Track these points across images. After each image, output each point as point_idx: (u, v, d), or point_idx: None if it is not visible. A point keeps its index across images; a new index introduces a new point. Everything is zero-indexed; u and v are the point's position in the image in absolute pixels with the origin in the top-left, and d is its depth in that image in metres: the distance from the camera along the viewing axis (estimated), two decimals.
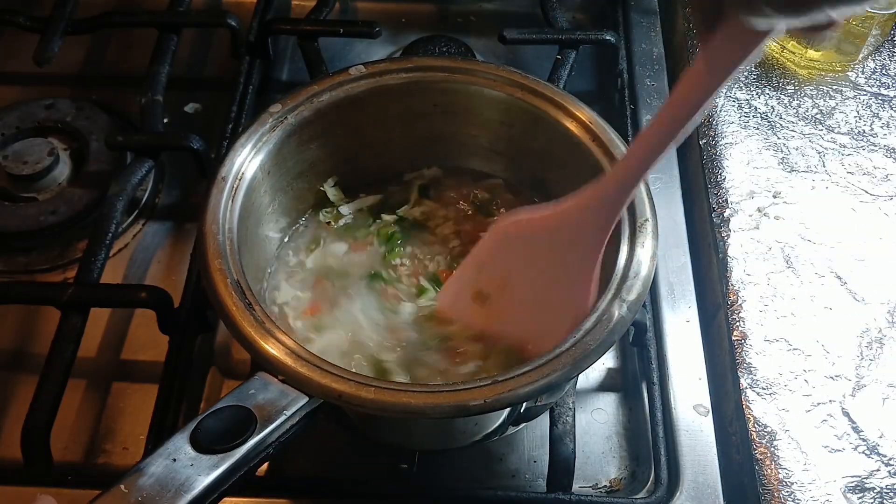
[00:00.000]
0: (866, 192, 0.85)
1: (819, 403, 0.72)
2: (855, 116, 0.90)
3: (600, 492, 0.74)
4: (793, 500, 0.68)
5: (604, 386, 0.81)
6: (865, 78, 0.94)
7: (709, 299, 0.82)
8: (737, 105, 0.91)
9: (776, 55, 0.96)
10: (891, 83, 0.93)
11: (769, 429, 0.71)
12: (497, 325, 0.71)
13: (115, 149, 0.90)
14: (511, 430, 0.72)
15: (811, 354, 0.75)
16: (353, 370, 0.62)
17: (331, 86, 0.76)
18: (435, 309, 0.73)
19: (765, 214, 0.83)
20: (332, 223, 0.80)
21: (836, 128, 0.90)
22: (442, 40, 1.00)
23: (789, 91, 0.93)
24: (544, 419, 0.72)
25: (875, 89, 0.93)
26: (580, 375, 0.65)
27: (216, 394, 0.79)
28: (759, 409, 0.72)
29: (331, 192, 0.80)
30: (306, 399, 0.59)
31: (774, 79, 0.94)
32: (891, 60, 0.95)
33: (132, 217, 0.90)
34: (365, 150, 0.81)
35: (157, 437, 0.72)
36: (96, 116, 0.95)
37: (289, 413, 0.58)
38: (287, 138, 0.74)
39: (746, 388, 0.73)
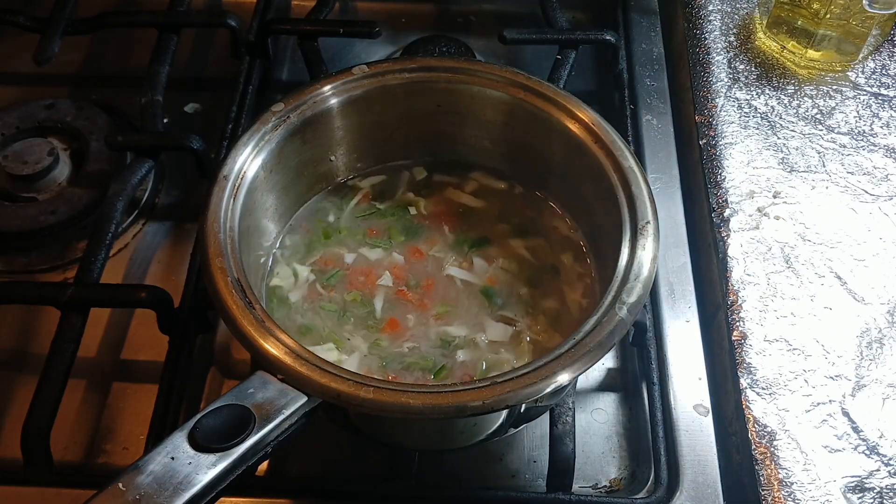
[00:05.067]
0: (866, 192, 0.85)
1: (819, 403, 0.72)
2: (855, 116, 0.90)
3: (600, 492, 0.74)
4: (793, 500, 0.68)
5: (604, 386, 0.81)
6: (865, 78, 0.94)
7: (709, 299, 0.82)
8: (737, 105, 0.91)
9: (776, 55, 0.96)
10: (891, 83, 0.93)
11: (769, 429, 0.71)
12: None
13: (115, 149, 0.90)
14: (511, 431, 0.72)
15: (811, 354, 0.75)
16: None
17: (334, 85, 0.76)
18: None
19: (765, 214, 0.83)
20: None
21: (836, 128, 0.90)
22: (442, 40, 1.00)
23: (789, 91, 0.93)
24: (544, 419, 0.72)
25: (875, 89, 0.93)
26: (580, 376, 0.65)
27: (216, 394, 0.79)
28: (759, 409, 0.72)
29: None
30: (305, 398, 0.59)
31: (774, 79, 0.94)
32: (891, 60, 0.95)
33: (132, 217, 0.90)
34: (367, 150, 0.81)
35: (157, 436, 0.72)
36: (96, 116, 0.95)
37: (288, 412, 0.58)
38: (289, 137, 0.74)
39: (746, 388, 0.73)
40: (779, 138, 0.89)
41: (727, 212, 0.83)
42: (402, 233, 0.79)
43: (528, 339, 0.72)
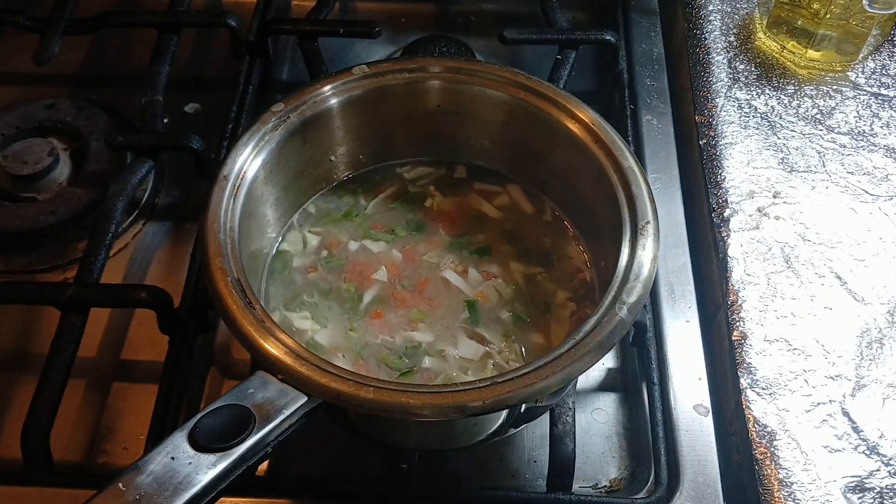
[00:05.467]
0: (866, 192, 0.85)
1: (819, 403, 0.72)
2: (855, 116, 0.90)
3: (600, 492, 0.74)
4: (793, 500, 0.68)
5: (604, 386, 0.81)
6: (865, 78, 0.94)
7: (709, 299, 0.82)
8: (737, 105, 0.91)
9: (776, 55, 0.96)
10: (891, 83, 0.93)
11: (769, 429, 0.71)
12: None
13: (115, 149, 0.90)
14: (511, 431, 0.72)
15: (811, 354, 0.75)
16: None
17: (334, 85, 0.76)
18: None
19: (765, 214, 0.83)
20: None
21: (836, 128, 0.90)
22: (442, 40, 1.00)
23: (789, 91, 0.93)
24: (544, 419, 0.72)
25: (875, 89, 0.93)
26: (580, 376, 0.65)
27: (216, 394, 0.79)
28: (759, 409, 0.72)
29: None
30: (305, 398, 0.59)
31: (774, 79, 0.94)
32: (891, 60, 0.95)
33: (132, 217, 0.90)
34: (367, 150, 0.81)
35: (157, 436, 0.72)
36: (96, 116, 0.95)
37: (288, 412, 0.58)
38: (289, 137, 0.74)
39: (746, 388, 0.73)
40: (779, 138, 0.89)
41: (727, 212, 0.83)
42: (408, 228, 0.79)
43: (493, 363, 0.71)
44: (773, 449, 0.70)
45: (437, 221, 0.80)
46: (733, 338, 0.76)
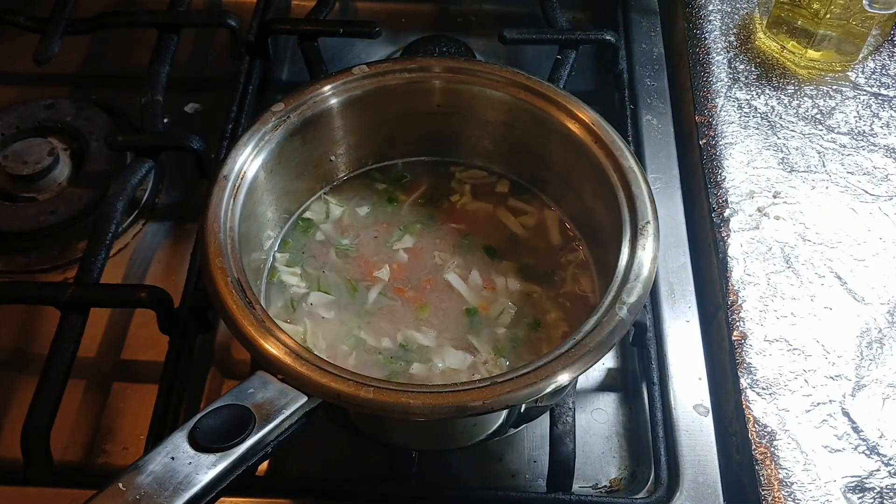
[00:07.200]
0: (866, 192, 0.85)
1: (819, 403, 0.72)
2: (855, 116, 0.90)
3: (600, 492, 0.74)
4: (793, 500, 0.68)
5: (604, 386, 0.81)
6: (865, 78, 0.94)
7: (709, 299, 0.82)
8: (737, 105, 0.91)
9: (776, 55, 0.96)
10: (891, 83, 0.93)
11: (769, 429, 0.71)
12: None
13: (115, 149, 0.90)
14: (511, 431, 0.72)
15: (811, 354, 0.75)
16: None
17: (334, 85, 0.76)
18: None
19: (765, 214, 0.83)
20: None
21: (836, 128, 0.90)
22: (442, 40, 1.00)
23: (789, 91, 0.93)
24: (544, 419, 0.72)
25: (875, 89, 0.93)
26: (580, 376, 0.65)
27: (216, 394, 0.79)
28: (759, 409, 0.72)
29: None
30: (305, 398, 0.59)
31: (774, 79, 0.94)
32: (891, 60, 0.95)
33: (132, 217, 0.90)
34: (367, 150, 0.81)
35: (157, 436, 0.72)
36: (96, 116, 0.95)
37: (288, 412, 0.58)
38: (289, 137, 0.74)
39: (746, 388, 0.73)
40: (779, 138, 0.89)
41: (727, 212, 0.83)
42: (417, 232, 0.79)
43: (476, 376, 0.70)
44: (773, 449, 0.70)
45: (453, 220, 0.80)
46: (733, 338, 0.76)
